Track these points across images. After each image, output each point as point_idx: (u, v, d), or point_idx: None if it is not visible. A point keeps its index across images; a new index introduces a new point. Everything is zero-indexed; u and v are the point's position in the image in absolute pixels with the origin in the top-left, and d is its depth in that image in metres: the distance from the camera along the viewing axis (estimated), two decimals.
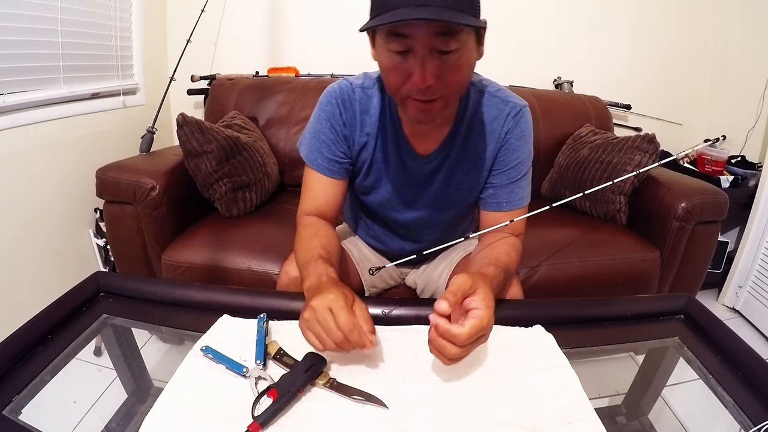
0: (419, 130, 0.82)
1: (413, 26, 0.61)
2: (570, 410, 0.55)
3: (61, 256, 1.50)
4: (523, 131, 0.82)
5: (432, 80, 0.64)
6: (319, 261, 0.70)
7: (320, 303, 0.57)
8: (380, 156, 0.85)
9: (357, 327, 0.56)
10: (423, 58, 0.63)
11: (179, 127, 1.32)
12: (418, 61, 0.63)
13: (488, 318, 0.57)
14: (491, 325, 0.58)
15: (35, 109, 1.38)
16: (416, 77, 0.64)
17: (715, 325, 0.73)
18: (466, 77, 0.70)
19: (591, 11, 2.10)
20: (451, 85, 0.67)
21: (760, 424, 0.55)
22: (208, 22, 1.87)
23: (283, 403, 0.53)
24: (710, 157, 1.92)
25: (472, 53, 0.68)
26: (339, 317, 0.56)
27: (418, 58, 0.63)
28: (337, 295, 0.58)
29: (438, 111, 0.70)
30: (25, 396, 0.56)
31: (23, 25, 1.31)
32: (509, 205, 0.84)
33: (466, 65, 0.68)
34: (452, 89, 0.69)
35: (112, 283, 0.79)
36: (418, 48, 0.63)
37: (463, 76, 0.69)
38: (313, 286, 0.64)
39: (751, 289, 1.77)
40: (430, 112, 0.70)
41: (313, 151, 0.84)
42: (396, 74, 0.67)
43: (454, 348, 0.55)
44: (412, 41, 0.62)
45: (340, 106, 0.81)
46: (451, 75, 0.66)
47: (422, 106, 0.68)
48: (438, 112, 0.70)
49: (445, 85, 0.66)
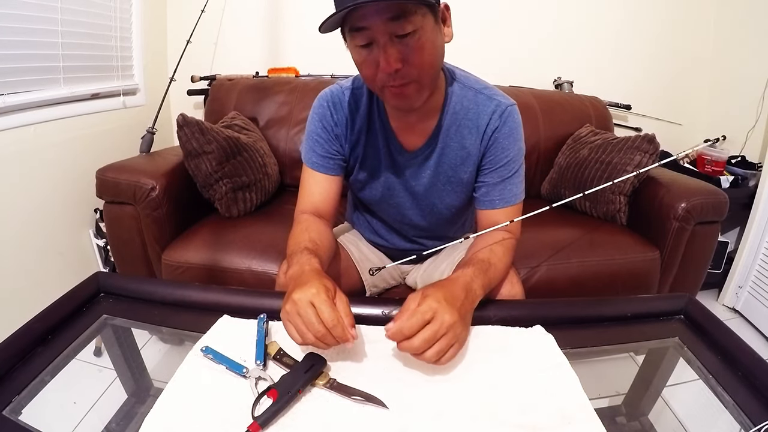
0: (405, 123, 0.84)
1: (368, 18, 0.64)
2: (570, 410, 0.55)
3: (61, 256, 1.51)
4: (512, 129, 0.83)
5: (397, 64, 0.67)
6: (305, 252, 0.71)
7: (302, 296, 0.58)
8: (370, 151, 0.88)
9: (340, 322, 0.57)
10: (384, 45, 0.67)
11: (179, 128, 1.32)
12: (381, 49, 0.67)
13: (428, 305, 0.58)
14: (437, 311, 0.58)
15: (35, 109, 1.38)
16: (382, 64, 0.68)
17: (715, 325, 0.73)
18: (432, 57, 0.71)
19: (591, 11, 2.10)
20: (418, 66, 0.69)
21: (760, 424, 0.55)
22: (208, 22, 1.87)
23: (283, 403, 0.53)
24: (710, 157, 1.92)
25: (433, 34, 0.70)
26: (322, 312, 0.56)
27: (381, 47, 0.67)
28: (319, 288, 0.58)
29: (414, 94, 0.73)
30: (25, 396, 0.56)
31: (23, 25, 1.31)
32: (502, 203, 0.85)
33: (430, 45, 0.69)
34: (421, 70, 0.70)
35: (112, 283, 0.79)
36: (377, 36, 0.66)
37: (428, 56, 0.70)
38: (295, 275, 0.65)
39: (751, 289, 1.77)
40: (406, 97, 0.73)
41: (308, 151, 0.88)
42: (367, 66, 0.71)
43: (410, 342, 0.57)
44: (371, 32, 0.66)
45: (331, 108, 0.86)
46: (415, 56, 0.68)
47: (398, 90, 0.71)
48: (414, 95, 0.73)
49: (412, 66, 0.69)
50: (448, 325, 0.58)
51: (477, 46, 2.01)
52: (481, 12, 2.04)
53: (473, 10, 2.03)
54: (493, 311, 0.73)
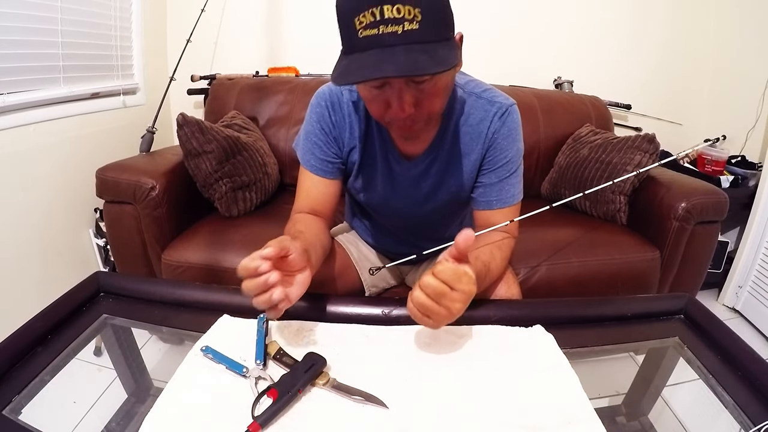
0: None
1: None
2: (570, 410, 0.55)
3: (60, 255, 1.50)
4: (511, 130, 0.82)
5: (411, 109, 0.65)
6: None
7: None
8: (368, 159, 0.86)
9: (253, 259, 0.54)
10: (400, 90, 0.64)
11: (179, 127, 1.32)
12: (395, 93, 0.64)
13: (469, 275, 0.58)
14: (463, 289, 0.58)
15: (35, 109, 1.38)
16: (395, 109, 0.65)
17: (715, 325, 0.73)
18: (445, 99, 0.70)
19: (591, 11, 2.10)
20: (431, 108, 0.68)
21: (760, 424, 0.55)
22: (208, 22, 1.87)
23: (283, 403, 0.53)
24: (710, 157, 1.93)
25: (449, 74, 0.68)
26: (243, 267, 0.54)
27: (395, 90, 0.64)
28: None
29: (422, 128, 0.72)
30: (25, 396, 0.56)
31: (23, 25, 1.31)
32: (500, 203, 0.84)
33: (444, 88, 0.68)
34: (433, 111, 0.69)
35: (112, 283, 0.79)
36: (393, 81, 0.63)
37: (442, 99, 0.69)
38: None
39: (751, 289, 1.77)
40: (412, 130, 0.71)
41: (306, 153, 0.86)
42: (376, 105, 0.68)
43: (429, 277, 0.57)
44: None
45: (329, 108, 0.83)
46: (429, 101, 0.66)
47: (405, 127, 0.70)
48: (422, 129, 0.72)
49: (424, 110, 0.67)
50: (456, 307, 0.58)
51: (477, 46, 2.00)
52: (481, 12, 2.04)
53: (473, 10, 2.02)
54: (493, 311, 0.73)
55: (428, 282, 0.58)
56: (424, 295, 0.58)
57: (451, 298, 0.58)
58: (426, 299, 0.58)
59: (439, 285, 0.57)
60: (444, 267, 0.58)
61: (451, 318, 0.59)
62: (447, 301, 0.58)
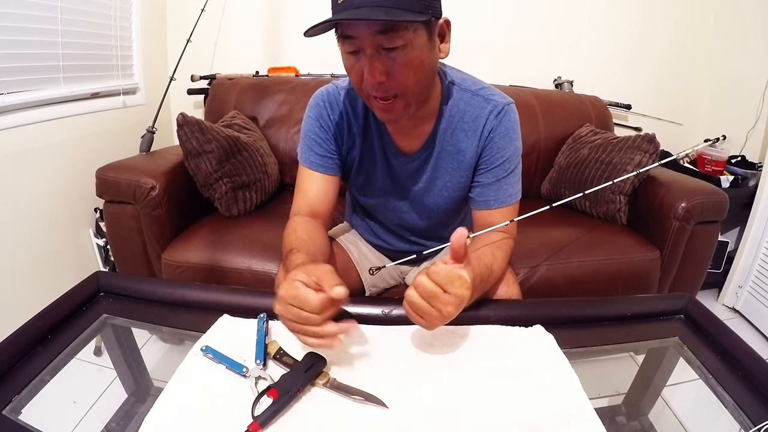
0: (402, 127, 0.83)
1: (356, 26, 0.64)
2: (570, 410, 0.55)
3: (61, 256, 1.50)
4: (508, 129, 0.82)
5: (380, 77, 0.67)
6: (291, 253, 0.70)
7: (283, 293, 0.56)
8: (367, 155, 0.88)
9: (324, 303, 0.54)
10: (370, 56, 0.67)
11: (179, 127, 1.32)
12: (367, 59, 0.67)
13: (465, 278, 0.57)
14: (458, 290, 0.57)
15: (35, 108, 1.38)
16: (366, 75, 0.68)
17: (715, 325, 0.73)
18: (419, 74, 0.70)
19: (591, 11, 2.10)
20: (403, 81, 0.69)
21: (760, 424, 0.55)
22: (208, 22, 1.87)
23: (283, 403, 0.53)
24: (710, 157, 1.93)
25: (423, 51, 0.68)
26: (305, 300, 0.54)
27: (367, 57, 0.67)
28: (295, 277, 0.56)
29: (400, 110, 0.73)
30: (25, 396, 0.56)
31: (23, 25, 1.31)
32: (497, 203, 0.84)
33: (418, 62, 0.68)
34: (407, 86, 0.70)
35: (112, 283, 0.79)
36: (365, 47, 0.66)
37: (414, 72, 0.69)
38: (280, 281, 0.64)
39: (751, 289, 1.77)
40: (391, 112, 0.72)
41: (305, 150, 0.87)
42: (353, 74, 0.71)
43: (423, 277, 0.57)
44: (360, 41, 0.66)
45: (327, 108, 0.85)
46: (400, 71, 0.68)
47: (383, 105, 0.71)
48: (400, 111, 0.73)
49: (396, 82, 0.68)
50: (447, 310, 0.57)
51: (477, 46, 2.01)
52: (481, 12, 2.04)
53: (473, 10, 2.03)
54: (493, 311, 0.73)
55: (421, 282, 0.58)
56: (416, 294, 0.58)
57: (443, 300, 0.57)
58: (418, 298, 0.58)
59: (431, 286, 0.57)
60: (438, 268, 0.58)
61: (443, 320, 0.59)
62: (439, 303, 0.57)
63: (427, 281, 0.57)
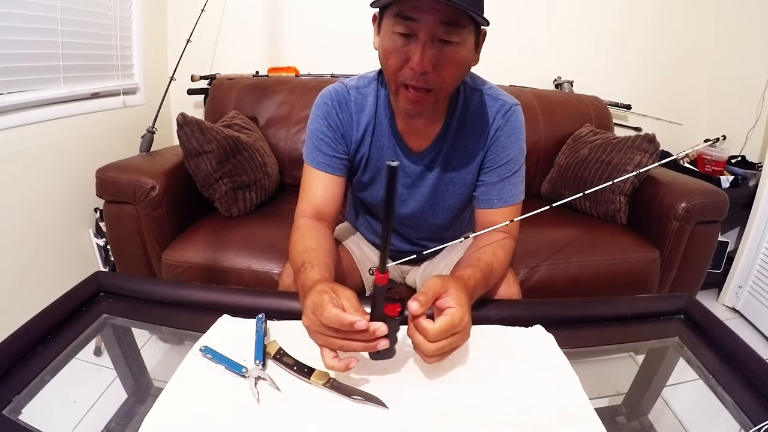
0: (412, 126, 0.83)
1: (422, 10, 0.63)
2: (570, 410, 0.55)
3: (60, 256, 1.50)
4: (514, 129, 0.83)
5: (429, 67, 0.66)
6: (304, 267, 0.67)
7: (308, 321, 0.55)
8: (375, 152, 0.87)
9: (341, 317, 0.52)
10: (425, 43, 0.65)
11: (179, 127, 1.32)
12: (420, 46, 0.65)
13: (460, 315, 0.56)
14: (465, 322, 0.57)
15: (35, 108, 1.38)
16: (415, 60, 0.66)
17: (715, 325, 0.73)
18: (460, 74, 0.71)
19: (591, 11, 2.10)
20: (445, 77, 0.69)
21: (760, 424, 0.55)
22: (208, 21, 1.87)
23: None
24: (710, 157, 1.92)
25: (470, 53, 0.70)
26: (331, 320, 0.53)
27: (420, 43, 0.65)
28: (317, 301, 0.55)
29: (428, 104, 0.72)
30: (25, 396, 0.56)
31: (23, 25, 1.31)
32: (501, 202, 0.84)
33: (463, 62, 0.70)
34: (445, 83, 0.70)
35: (112, 283, 0.78)
36: (421, 33, 0.65)
37: (457, 71, 0.70)
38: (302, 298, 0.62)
39: (751, 289, 1.77)
40: (420, 104, 0.72)
41: (312, 150, 0.85)
42: (396, 57, 0.69)
43: (428, 344, 0.55)
44: (418, 26, 0.65)
45: (336, 107, 0.83)
46: (447, 67, 0.68)
47: (414, 96, 0.70)
48: (428, 105, 0.73)
49: (439, 76, 0.68)
50: (462, 341, 0.57)
51: None
52: None
53: None
54: (493, 311, 0.73)
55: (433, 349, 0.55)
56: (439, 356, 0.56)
57: (461, 337, 0.57)
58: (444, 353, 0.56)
59: (445, 343, 0.55)
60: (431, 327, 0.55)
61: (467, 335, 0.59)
62: (458, 339, 0.57)
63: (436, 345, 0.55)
